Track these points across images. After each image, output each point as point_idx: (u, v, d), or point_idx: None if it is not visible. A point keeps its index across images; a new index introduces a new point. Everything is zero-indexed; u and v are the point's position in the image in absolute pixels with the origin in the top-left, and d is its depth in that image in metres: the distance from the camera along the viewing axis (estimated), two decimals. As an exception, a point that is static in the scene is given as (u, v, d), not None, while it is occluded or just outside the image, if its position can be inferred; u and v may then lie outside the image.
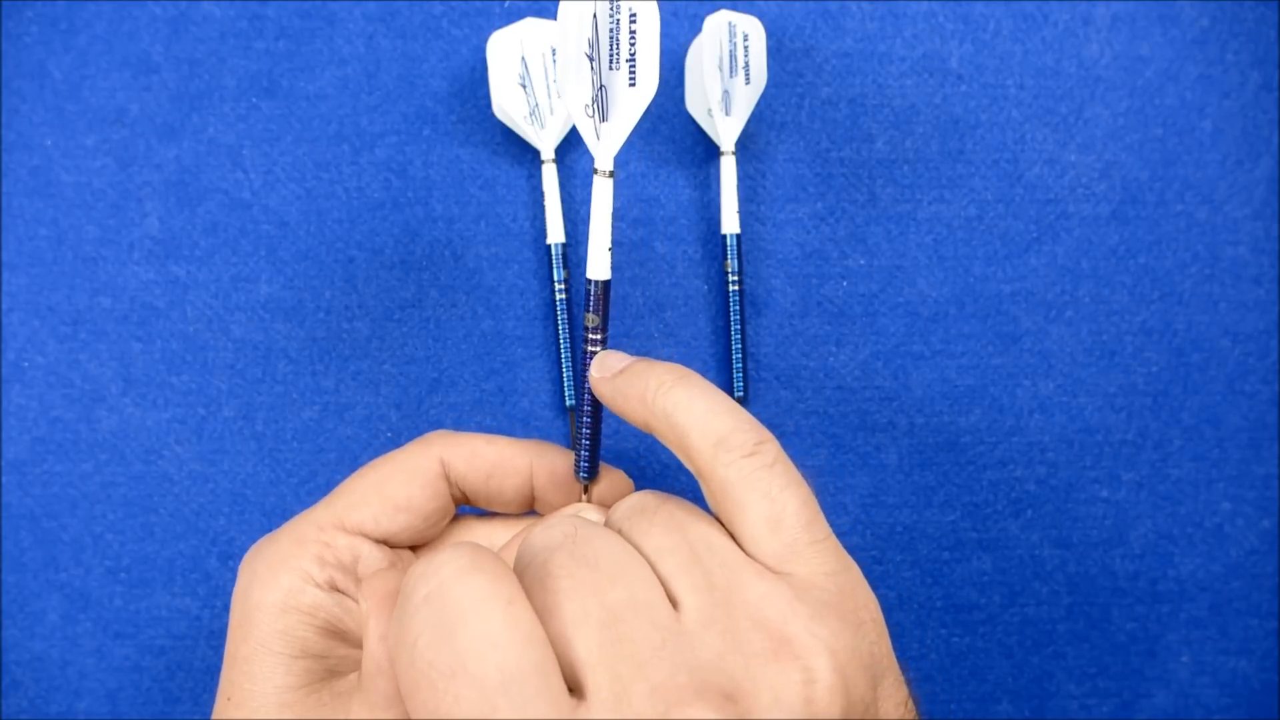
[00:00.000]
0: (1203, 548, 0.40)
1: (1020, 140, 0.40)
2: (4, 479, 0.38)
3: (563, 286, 0.38)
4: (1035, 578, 0.40)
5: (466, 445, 0.31)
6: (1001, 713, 0.40)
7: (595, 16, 0.28)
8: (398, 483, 0.30)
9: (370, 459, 0.39)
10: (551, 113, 0.37)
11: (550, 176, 0.38)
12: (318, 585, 0.29)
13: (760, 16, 0.38)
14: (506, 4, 0.39)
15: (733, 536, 0.25)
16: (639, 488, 0.39)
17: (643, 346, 0.39)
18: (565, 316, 0.38)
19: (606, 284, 0.29)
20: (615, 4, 0.28)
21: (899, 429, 0.40)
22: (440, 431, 0.32)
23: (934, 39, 0.39)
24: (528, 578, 0.24)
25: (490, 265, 0.39)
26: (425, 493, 0.31)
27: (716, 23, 0.37)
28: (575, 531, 0.25)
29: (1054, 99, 0.40)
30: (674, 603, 0.24)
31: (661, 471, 0.39)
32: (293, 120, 0.39)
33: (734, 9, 0.38)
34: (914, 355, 0.40)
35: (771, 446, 0.26)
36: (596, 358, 0.30)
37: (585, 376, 0.30)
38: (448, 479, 0.31)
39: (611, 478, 0.32)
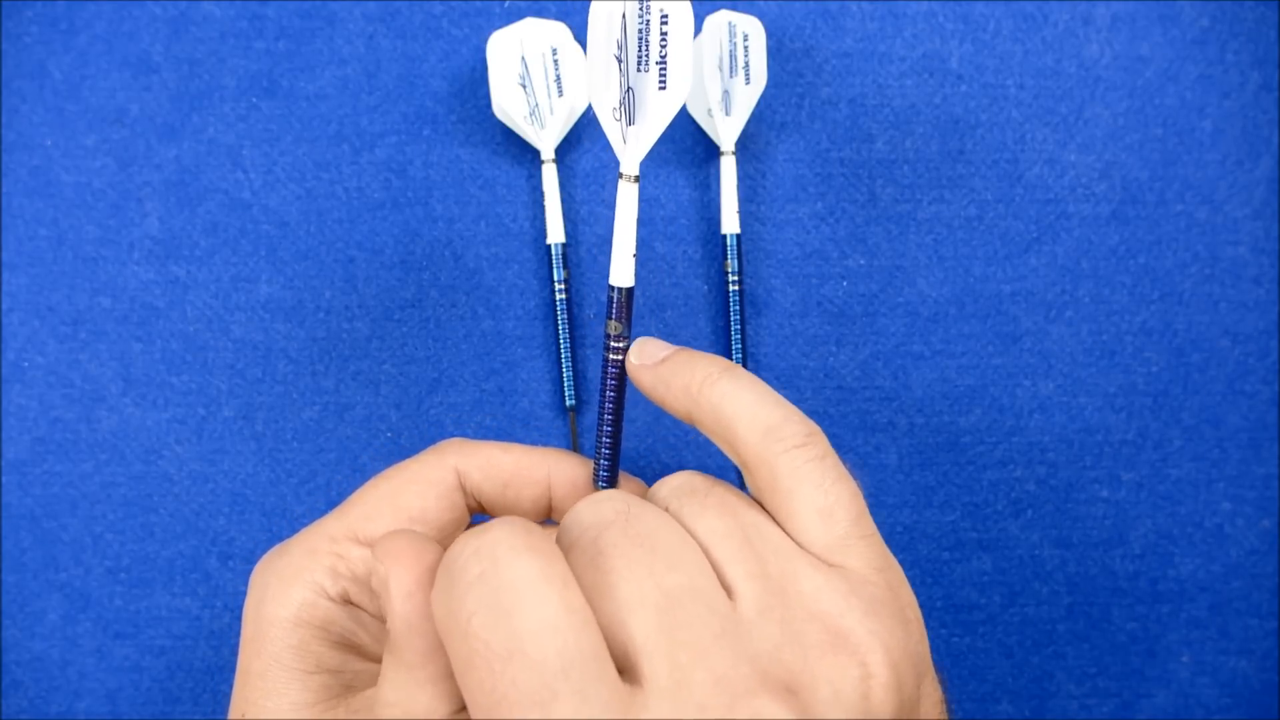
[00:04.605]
0: (1203, 548, 0.40)
1: (1020, 140, 0.40)
2: (4, 479, 0.38)
3: (563, 286, 0.38)
4: (1035, 578, 0.40)
5: (482, 454, 0.30)
6: (1001, 713, 0.40)
7: (625, 17, 0.27)
8: (412, 494, 0.30)
9: (370, 459, 0.39)
10: (551, 113, 0.37)
11: (550, 176, 0.38)
12: (331, 599, 0.28)
13: (760, 16, 0.38)
14: (506, 4, 0.39)
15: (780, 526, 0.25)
16: (639, 473, 0.39)
17: (643, 346, 0.39)
18: (565, 316, 0.38)
19: (630, 290, 0.29)
20: (645, 4, 0.27)
21: (899, 429, 0.40)
22: (453, 440, 0.31)
23: (934, 39, 0.39)
24: (576, 556, 0.23)
25: (490, 265, 0.39)
26: (440, 504, 0.30)
27: (716, 23, 0.37)
28: (628, 509, 0.24)
29: (1054, 99, 0.40)
30: (727, 589, 0.23)
31: (662, 471, 0.39)
32: (293, 120, 0.39)
33: (734, 9, 0.38)
34: (914, 355, 0.40)
35: (821, 439, 0.26)
36: (636, 343, 0.29)
37: (607, 385, 0.29)
38: (463, 489, 0.30)
39: (630, 486, 0.31)
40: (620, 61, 0.27)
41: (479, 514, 0.32)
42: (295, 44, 0.39)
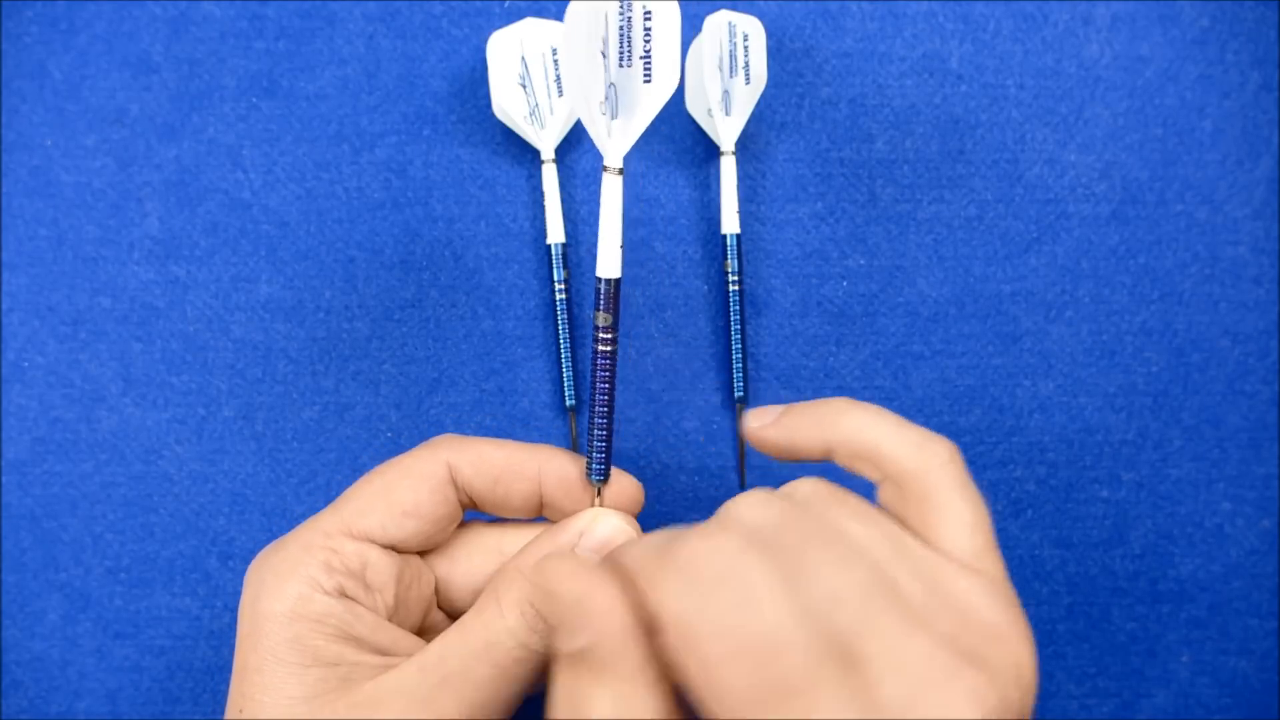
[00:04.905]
0: (1203, 548, 0.40)
1: (1020, 140, 0.40)
2: (4, 479, 0.38)
3: (563, 286, 0.38)
4: (1035, 578, 0.40)
5: (474, 449, 0.31)
6: (1001, 713, 0.40)
7: (607, 16, 0.28)
8: (405, 488, 0.30)
9: (370, 459, 0.39)
10: (551, 113, 0.37)
11: (550, 176, 0.38)
12: (326, 592, 0.28)
13: (760, 16, 0.38)
14: (506, 4, 0.39)
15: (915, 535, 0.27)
16: (640, 474, 0.39)
17: (643, 346, 0.39)
18: (565, 316, 0.38)
19: (617, 282, 0.30)
20: (627, 2, 0.28)
21: (899, 429, 0.40)
22: (447, 435, 0.32)
23: (934, 39, 0.39)
24: (769, 552, 0.24)
25: (490, 265, 0.39)
26: (433, 498, 0.30)
27: (716, 23, 0.37)
28: (794, 509, 0.26)
29: (1054, 99, 0.40)
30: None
31: (662, 471, 0.39)
32: (293, 120, 0.39)
33: (734, 9, 0.38)
34: (914, 355, 0.40)
35: (960, 455, 0.28)
36: (749, 413, 0.30)
37: (598, 377, 0.30)
38: (455, 484, 0.31)
39: (622, 482, 0.32)
40: (604, 58, 0.28)
41: (471, 509, 0.32)
42: (295, 44, 0.39)
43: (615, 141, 0.29)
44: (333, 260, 0.39)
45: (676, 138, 0.39)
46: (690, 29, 0.39)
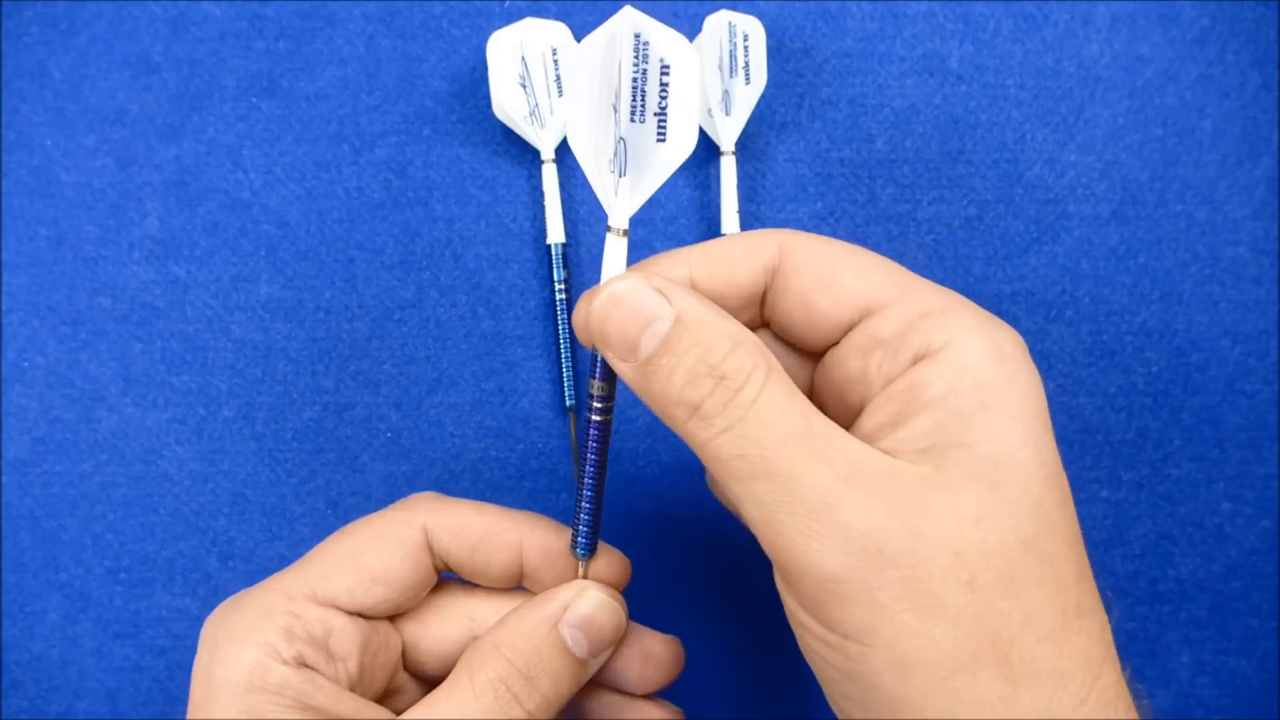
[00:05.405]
0: (1203, 548, 0.40)
1: (1020, 140, 0.40)
2: (4, 479, 0.38)
3: (563, 286, 0.38)
4: (1035, 578, 0.40)
5: (453, 513, 0.29)
6: (1001, 713, 0.40)
7: (620, 65, 0.25)
8: (376, 553, 0.28)
9: (370, 459, 0.39)
10: (551, 112, 0.37)
11: (550, 176, 0.38)
12: (284, 662, 0.27)
13: (760, 16, 0.38)
14: (506, 4, 0.39)
15: None
16: (640, 489, 0.39)
17: (643, 346, 0.39)
18: (565, 316, 0.38)
19: None
20: (643, 48, 0.25)
21: (899, 429, 0.39)
22: (426, 495, 0.30)
23: (934, 39, 0.39)
24: None
25: (490, 265, 0.39)
26: (405, 565, 0.29)
27: (716, 23, 0.37)
28: None
29: (1054, 99, 0.40)
30: None
31: (660, 472, 0.39)
32: (293, 120, 0.39)
33: (734, 9, 0.38)
34: (914, 355, 0.39)
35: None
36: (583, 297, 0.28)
37: (588, 448, 0.28)
38: (430, 549, 0.29)
39: (609, 556, 0.30)
40: (615, 110, 0.25)
41: (446, 572, 0.31)
42: (295, 44, 0.39)
43: (622, 202, 0.26)
44: (333, 260, 0.39)
45: (676, 138, 0.39)
46: (690, 29, 0.39)
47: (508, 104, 0.37)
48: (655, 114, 0.25)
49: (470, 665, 0.27)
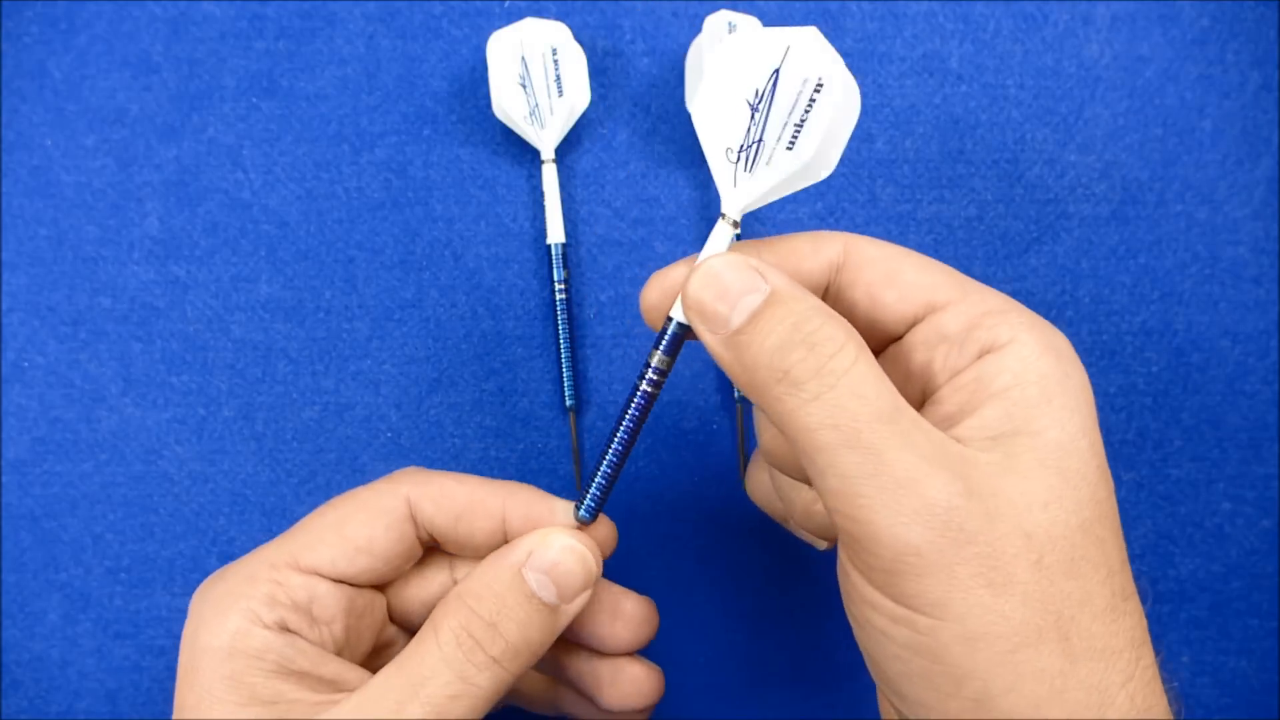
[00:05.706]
0: (1203, 548, 0.40)
1: (1020, 140, 0.40)
2: (4, 479, 0.38)
3: (563, 286, 0.38)
4: (1035, 578, 0.40)
5: (435, 484, 0.30)
6: (1001, 713, 0.40)
7: (776, 73, 0.26)
8: (359, 522, 0.29)
9: (370, 459, 0.39)
10: (551, 113, 0.37)
11: (550, 176, 0.38)
12: (266, 626, 0.27)
13: (760, 16, 0.38)
14: (506, 4, 0.39)
15: None
16: (641, 473, 0.39)
17: (643, 346, 0.39)
18: (565, 316, 0.38)
19: (690, 329, 0.27)
20: (807, 64, 0.26)
21: (899, 429, 0.39)
22: (411, 469, 0.31)
23: (934, 39, 0.39)
24: None
25: (490, 265, 0.39)
26: (389, 535, 0.29)
27: (716, 23, 0.37)
28: None
29: (1054, 99, 0.40)
30: None
31: (662, 471, 0.39)
32: (293, 120, 0.39)
33: (734, 9, 0.38)
34: (914, 355, 0.39)
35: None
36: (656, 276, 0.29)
37: (628, 414, 0.28)
38: (415, 520, 0.30)
39: (599, 522, 0.30)
40: (754, 111, 0.26)
41: (432, 546, 0.31)
42: (295, 44, 0.39)
43: (739, 193, 0.27)
44: (333, 260, 0.39)
45: (677, 138, 0.39)
46: (690, 29, 0.39)
47: (508, 104, 0.37)
48: (796, 125, 0.26)
49: (435, 617, 0.28)
